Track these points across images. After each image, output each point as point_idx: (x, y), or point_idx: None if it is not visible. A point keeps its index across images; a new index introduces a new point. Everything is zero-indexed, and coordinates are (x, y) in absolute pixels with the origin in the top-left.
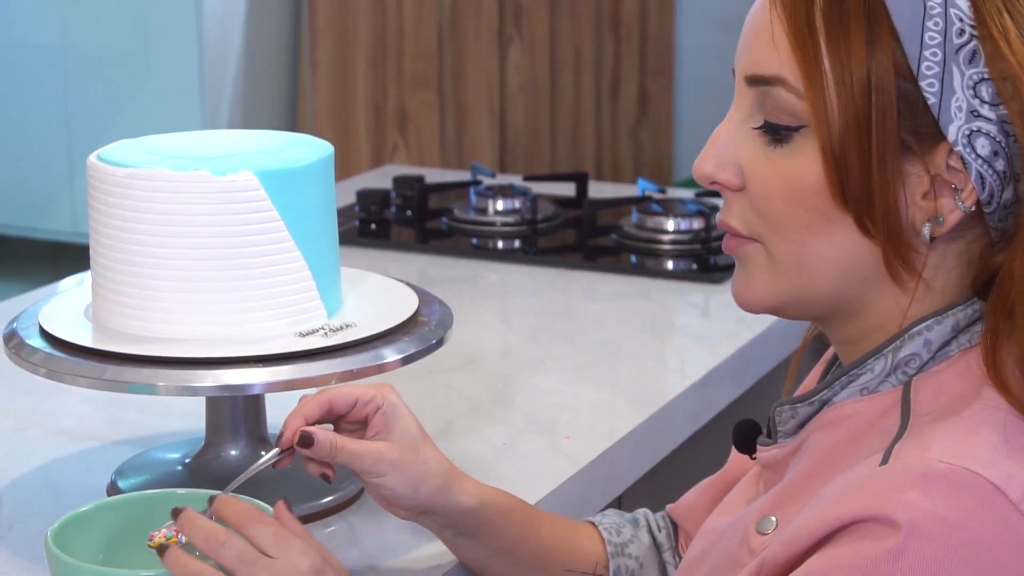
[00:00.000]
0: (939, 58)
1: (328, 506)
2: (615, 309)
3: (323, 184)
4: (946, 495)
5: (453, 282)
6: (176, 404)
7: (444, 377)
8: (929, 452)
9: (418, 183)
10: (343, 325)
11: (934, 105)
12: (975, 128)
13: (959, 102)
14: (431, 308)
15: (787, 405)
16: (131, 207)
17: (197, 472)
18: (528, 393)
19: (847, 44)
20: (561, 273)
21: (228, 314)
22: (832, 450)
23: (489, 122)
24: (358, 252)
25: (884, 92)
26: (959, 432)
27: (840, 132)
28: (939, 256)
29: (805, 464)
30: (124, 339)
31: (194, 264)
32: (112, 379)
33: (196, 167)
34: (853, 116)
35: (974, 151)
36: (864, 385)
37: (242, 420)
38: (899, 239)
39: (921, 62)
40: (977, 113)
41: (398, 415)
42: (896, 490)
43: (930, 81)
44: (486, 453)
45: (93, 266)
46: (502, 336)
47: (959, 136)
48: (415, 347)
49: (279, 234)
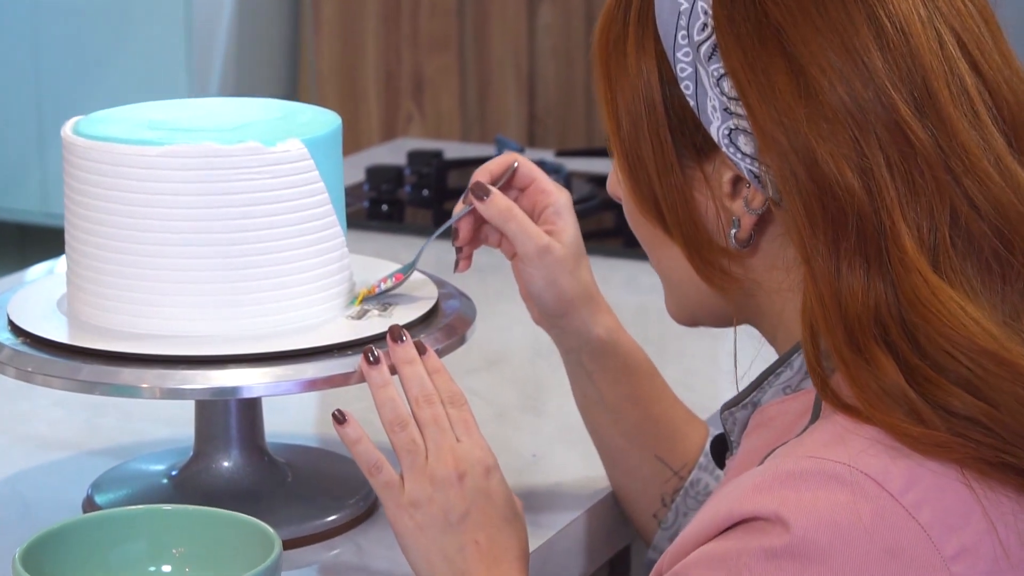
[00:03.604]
0: (690, 58)
1: (333, 525)
2: (660, 303)
3: (335, 159)
4: (815, 488)
5: (476, 271)
6: (162, 409)
7: (466, 380)
8: (800, 449)
9: (435, 159)
10: (385, 304)
11: (695, 107)
12: (733, 126)
13: (713, 101)
14: (451, 301)
15: (728, 410)
16: (124, 186)
17: (185, 486)
18: (561, 399)
19: (624, 56)
20: (598, 262)
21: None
22: (758, 454)
23: (516, 89)
24: (367, 237)
25: (651, 100)
26: (835, 432)
27: (628, 145)
28: (776, 254)
29: (732, 472)
30: (104, 335)
31: (209, 250)
32: (89, 380)
33: (191, 139)
34: (633, 128)
35: (739, 150)
36: (786, 383)
37: (236, 427)
38: (702, 247)
39: (675, 64)
40: (730, 111)
41: (570, 220)
42: (766, 489)
43: (686, 83)
44: (513, 466)
45: (69, 252)
46: (532, 333)
47: (720, 136)
48: (433, 345)
49: (324, 208)
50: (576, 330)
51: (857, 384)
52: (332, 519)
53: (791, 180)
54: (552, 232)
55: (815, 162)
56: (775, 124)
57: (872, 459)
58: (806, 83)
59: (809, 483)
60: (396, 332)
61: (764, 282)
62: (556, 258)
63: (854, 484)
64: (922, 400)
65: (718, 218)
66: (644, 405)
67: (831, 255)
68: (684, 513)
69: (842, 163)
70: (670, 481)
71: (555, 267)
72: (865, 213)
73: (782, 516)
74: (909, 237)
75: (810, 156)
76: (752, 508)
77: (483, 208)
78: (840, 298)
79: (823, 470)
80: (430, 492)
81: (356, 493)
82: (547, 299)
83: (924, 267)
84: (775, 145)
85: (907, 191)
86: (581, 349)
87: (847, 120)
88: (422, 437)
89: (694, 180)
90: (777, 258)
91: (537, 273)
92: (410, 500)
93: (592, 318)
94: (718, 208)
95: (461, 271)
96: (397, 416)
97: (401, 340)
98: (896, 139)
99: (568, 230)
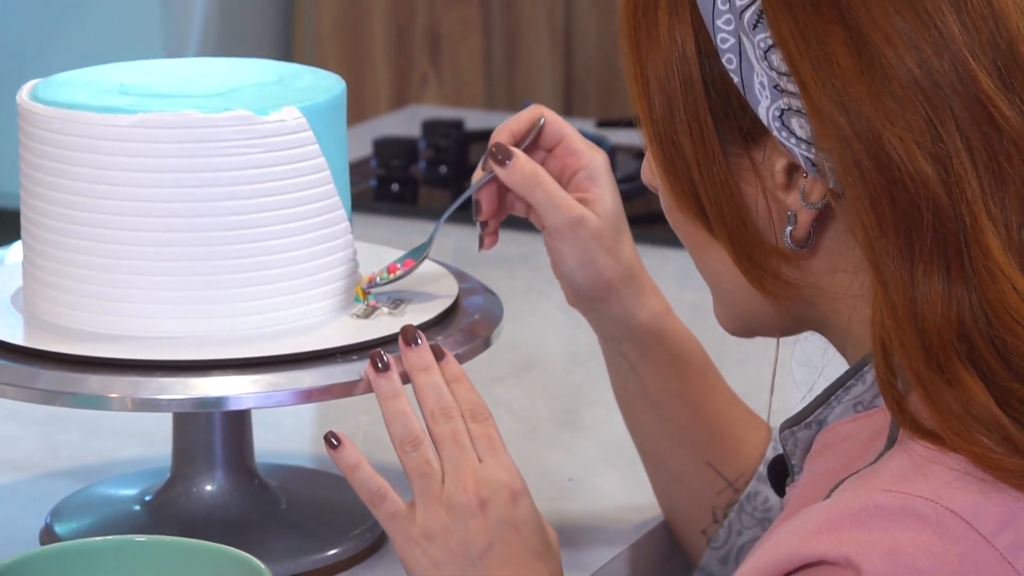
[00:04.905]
0: (732, 26)
1: (334, 560)
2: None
3: (338, 131)
4: (893, 527)
5: (503, 262)
6: (134, 423)
7: (490, 389)
8: (874, 482)
9: (455, 130)
10: (396, 301)
11: (739, 84)
12: (784, 106)
13: (760, 77)
14: (474, 297)
15: (787, 430)
16: (90, 161)
17: (160, 513)
18: (603, 412)
19: (655, 25)
20: (646, 251)
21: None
22: (824, 482)
23: (550, 47)
24: (375, 221)
25: (688, 77)
26: (915, 461)
27: (663, 131)
28: (840, 255)
29: (793, 504)
30: (66, 335)
31: (189, 237)
32: (49, 388)
33: (169, 106)
34: (667, 110)
35: (792, 134)
36: (857, 399)
37: (220, 445)
38: (751, 249)
39: (715, 34)
40: (781, 88)
41: (607, 186)
42: (834, 528)
43: (728, 56)
44: (546, 491)
45: (25, 238)
46: (568, 334)
47: (770, 118)
48: (452, 349)
49: (325, 188)
50: (616, 315)
51: (937, 407)
52: (333, 553)
53: (854, 170)
54: (586, 201)
55: (881, 148)
56: (833, 103)
57: (959, 493)
58: (869, 54)
59: (885, 522)
60: (409, 334)
61: (826, 287)
62: (591, 231)
63: (939, 523)
64: (1016, 426)
65: (770, 214)
66: (695, 403)
67: (903, 258)
68: (738, 531)
69: (913, 148)
70: (723, 493)
71: (590, 242)
72: (942, 208)
73: (853, 561)
74: (994, 236)
75: (875, 141)
76: (818, 551)
77: (504, 174)
78: (915, 309)
79: (902, 506)
80: (446, 522)
81: (361, 523)
82: (581, 279)
83: (1012, 272)
84: (834, 128)
85: (991, 180)
86: (622, 337)
87: (918, 97)
88: (438, 457)
89: (741, 170)
90: (841, 259)
91: (569, 249)
92: (423, 532)
93: (635, 301)
94: (769, 202)
95: (487, 248)
96: (409, 433)
97: (415, 343)
98: (977, 118)
99: (605, 198)
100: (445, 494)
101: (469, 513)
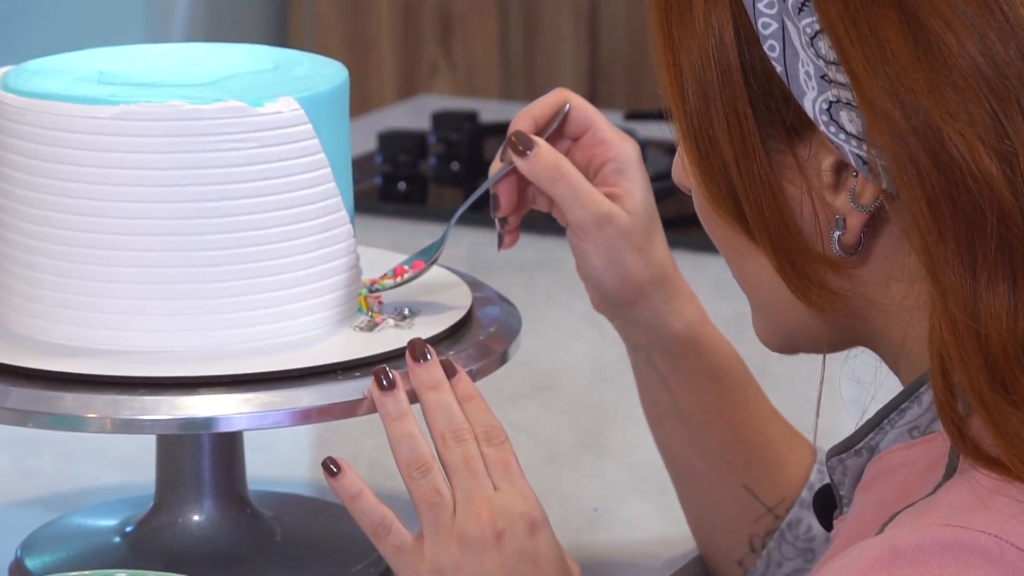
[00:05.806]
0: (775, 9)
1: None
2: None
3: (340, 124)
4: (952, 566)
5: (521, 269)
6: (114, 446)
7: (507, 410)
8: (932, 515)
9: (468, 122)
10: (406, 312)
11: (782, 73)
12: (833, 98)
13: (806, 66)
14: (489, 308)
15: (835, 457)
16: (66, 157)
17: (143, 546)
18: (631, 434)
19: (689, 8)
20: (679, 257)
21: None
22: (877, 516)
23: (574, 31)
24: (380, 223)
25: (725, 65)
26: (977, 492)
27: (697, 124)
28: (895, 262)
29: (842, 539)
30: (40, 350)
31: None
32: (20, 408)
33: (154, 97)
34: (703, 101)
35: (841, 129)
36: (913, 424)
37: (209, 471)
38: (795, 255)
39: (756, 18)
40: (829, 78)
41: (638, 180)
42: (887, 565)
43: (771, 43)
44: (568, 522)
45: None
46: (593, 349)
47: (817, 112)
48: (465, 366)
49: (325, 187)
50: (646, 322)
51: (1002, 432)
52: None
53: (910, 168)
54: (614, 196)
55: (941, 144)
56: (887, 95)
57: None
58: (927, 40)
59: (945, 560)
60: (418, 348)
61: (878, 299)
62: (619, 229)
63: (1003, 561)
64: None
65: (816, 217)
66: (732, 421)
67: (965, 267)
68: (778, 563)
69: (976, 145)
70: (762, 520)
71: (617, 242)
72: (1008, 211)
73: None
74: None
75: (934, 136)
76: None
77: (525, 166)
78: (978, 323)
79: (962, 542)
80: (458, 557)
81: (363, 557)
82: (608, 282)
83: None
84: (888, 122)
85: None
86: (652, 346)
87: (981, 88)
88: (449, 485)
89: (783, 168)
90: (895, 267)
91: (594, 249)
92: (432, 567)
93: (667, 307)
94: (816, 204)
95: (507, 248)
96: (417, 458)
97: (424, 358)
98: None
99: (635, 193)
100: (457, 525)
101: (483, 546)
